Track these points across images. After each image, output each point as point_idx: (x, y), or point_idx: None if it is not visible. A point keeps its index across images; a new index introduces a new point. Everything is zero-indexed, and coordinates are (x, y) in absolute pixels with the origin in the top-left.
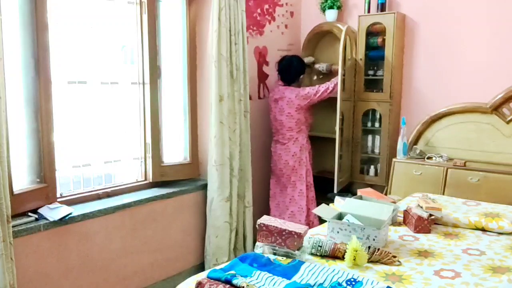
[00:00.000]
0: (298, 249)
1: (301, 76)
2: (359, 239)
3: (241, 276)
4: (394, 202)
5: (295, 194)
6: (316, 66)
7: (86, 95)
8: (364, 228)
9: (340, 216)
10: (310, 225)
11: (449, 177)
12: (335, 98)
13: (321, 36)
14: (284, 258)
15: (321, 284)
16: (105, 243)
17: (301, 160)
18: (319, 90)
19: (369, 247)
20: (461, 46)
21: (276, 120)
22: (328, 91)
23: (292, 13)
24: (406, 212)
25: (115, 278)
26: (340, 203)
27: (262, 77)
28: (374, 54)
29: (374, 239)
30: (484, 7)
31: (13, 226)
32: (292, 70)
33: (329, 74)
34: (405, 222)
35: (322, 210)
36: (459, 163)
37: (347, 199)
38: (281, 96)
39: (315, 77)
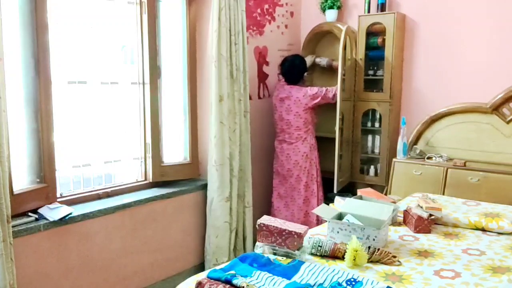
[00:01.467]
0: (298, 249)
1: (305, 74)
2: (359, 239)
3: (241, 276)
4: (394, 202)
5: (308, 194)
6: (317, 60)
7: (86, 95)
8: (364, 228)
9: (340, 216)
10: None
11: (449, 177)
12: None
13: (321, 36)
14: (284, 258)
15: (321, 284)
16: (105, 243)
17: (312, 160)
18: (327, 94)
19: (369, 247)
20: (461, 46)
21: (282, 120)
22: (335, 96)
23: (292, 13)
24: (406, 212)
25: (115, 278)
26: (340, 203)
27: (262, 77)
28: (374, 54)
29: (374, 239)
30: (484, 7)
31: (13, 226)
32: (296, 70)
33: (329, 69)
34: (405, 222)
35: (322, 210)
36: (459, 163)
37: (347, 199)
38: (288, 95)
39: (315, 72)
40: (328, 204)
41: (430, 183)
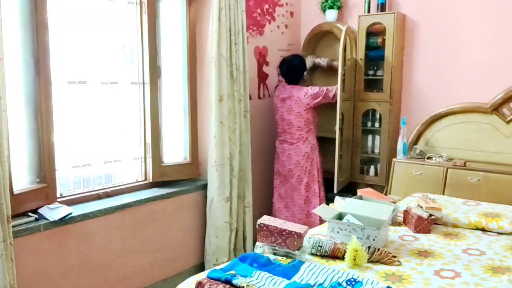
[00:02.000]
0: (298, 249)
1: (305, 73)
2: (359, 239)
3: (241, 276)
4: (394, 202)
5: (310, 194)
6: (317, 61)
7: (86, 95)
8: (364, 228)
9: (340, 216)
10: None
11: (449, 177)
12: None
13: (321, 36)
14: (284, 258)
15: (321, 284)
16: (105, 243)
17: (313, 160)
18: (328, 94)
19: (369, 247)
20: (461, 46)
21: (283, 120)
22: (336, 96)
23: (292, 13)
24: (406, 212)
25: (115, 278)
26: (340, 203)
27: (262, 77)
28: (374, 54)
29: (374, 239)
30: (484, 7)
31: (13, 226)
32: (295, 70)
33: (330, 69)
34: (405, 222)
35: (322, 210)
36: (459, 163)
37: (347, 199)
38: (289, 95)
39: (316, 73)
40: (328, 204)
41: (430, 183)
